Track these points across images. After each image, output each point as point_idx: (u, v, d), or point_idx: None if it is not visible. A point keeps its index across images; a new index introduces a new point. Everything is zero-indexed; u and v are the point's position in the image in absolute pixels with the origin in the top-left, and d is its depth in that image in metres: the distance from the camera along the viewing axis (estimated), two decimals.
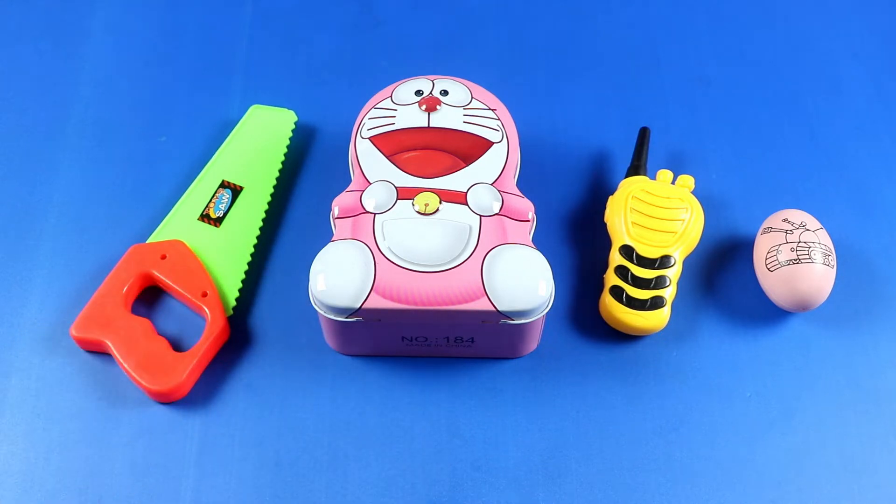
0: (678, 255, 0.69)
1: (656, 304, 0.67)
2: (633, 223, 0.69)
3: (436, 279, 0.61)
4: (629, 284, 0.67)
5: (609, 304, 0.67)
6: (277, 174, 0.74)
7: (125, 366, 0.64)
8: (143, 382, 0.64)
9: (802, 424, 0.65)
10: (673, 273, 0.68)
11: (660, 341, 0.68)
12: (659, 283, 0.67)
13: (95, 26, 0.84)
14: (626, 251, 0.68)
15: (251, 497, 0.62)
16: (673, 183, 0.72)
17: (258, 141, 0.75)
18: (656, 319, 0.67)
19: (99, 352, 0.67)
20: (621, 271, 0.68)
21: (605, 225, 0.71)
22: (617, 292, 0.67)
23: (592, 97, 0.80)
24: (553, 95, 0.80)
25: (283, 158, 0.75)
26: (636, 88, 0.81)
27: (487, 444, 0.64)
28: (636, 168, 0.73)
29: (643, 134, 0.75)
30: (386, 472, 0.63)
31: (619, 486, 0.63)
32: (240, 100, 0.79)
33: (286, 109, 0.77)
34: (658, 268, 0.68)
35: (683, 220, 0.69)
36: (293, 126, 0.76)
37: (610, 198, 0.72)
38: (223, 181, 0.73)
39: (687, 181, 0.72)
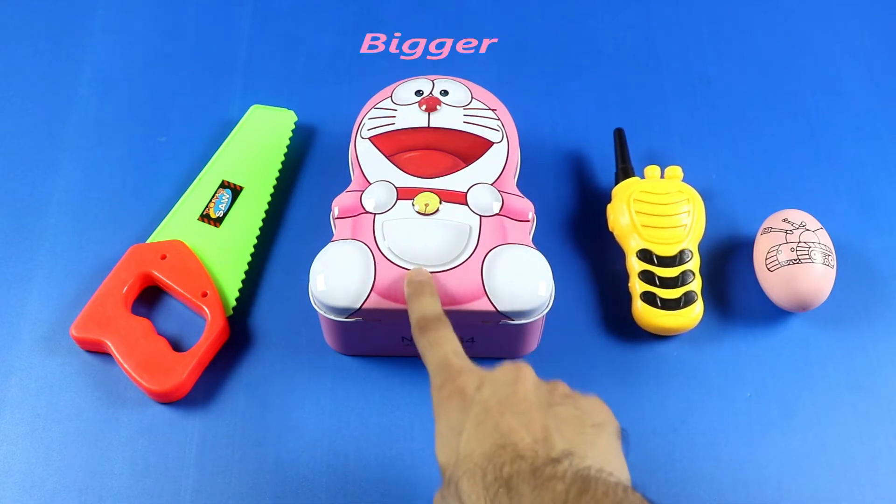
0: (693, 247, 0.69)
1: (689, 299, 0.67)
2: (644, 226, 0.69)
3: (436, 279, 0.61)
4: (658, 287, 0.67)
5: (644, 311, 0.67)
6: (277, 174, 0.74)
7: (125, 366, 0.64)
8: (143, 382, 0.64)
9: (802, 424, 0.65)
10: (694, 265, 0.68)
11: (660, 341, 0.68)
12: (685, 278, 0.67)
13: (95, 26, 0.84)
14: (645, 255, 0.68)
15: (251, 497, 0.62)
16: (662, 177, 0.72)
17: (258, 141, 0.75)
18: (692, 315, 0.67)
19: (99, 352, 0.67)
20: (646, 276, 0.68)
21: (612, 234, 0.71)
22: (649, 298, 0.67)
23: (592, 97, 0.80)
24: (553, 95, 0.80)
25: (283, 158, 0.75)
26: (636, 88, 0.81)
27: None
28: (625, 171, 0.72)
29: (620, 136, 0.74)
30: (386, 472, 0.63)
31: None
32: (240, 100, 0.79)
33: (286, 109, 0.77)
34: (679, 264, 0.68)
35: (688, 212, 0.69)
36: (293, 126, 0.76)
37: (609, 206, 0.71)
38: (223, 181, 0.73)
39: (676, 172, 0.71)
